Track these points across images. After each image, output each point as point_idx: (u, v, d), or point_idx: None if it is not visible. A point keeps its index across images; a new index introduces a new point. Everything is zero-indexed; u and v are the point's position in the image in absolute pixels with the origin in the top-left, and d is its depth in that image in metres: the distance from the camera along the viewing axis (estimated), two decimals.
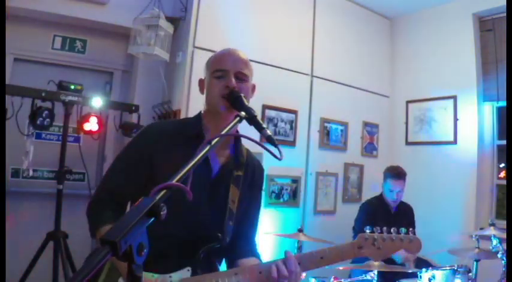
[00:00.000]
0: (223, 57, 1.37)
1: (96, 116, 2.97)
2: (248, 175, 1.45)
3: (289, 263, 1.21)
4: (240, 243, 1.43)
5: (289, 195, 3.44)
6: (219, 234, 1.31)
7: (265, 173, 3.21)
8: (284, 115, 3.44)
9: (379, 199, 3.27)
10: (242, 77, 1.34)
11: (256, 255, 1.45)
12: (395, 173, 3.16)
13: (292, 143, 3.48)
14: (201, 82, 1.45)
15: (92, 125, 2.95)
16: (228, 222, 1.35)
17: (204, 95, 1.41)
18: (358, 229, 3.17)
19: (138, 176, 1.30)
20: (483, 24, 3.73)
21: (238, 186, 1.40)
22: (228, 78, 1.31)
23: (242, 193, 1.41)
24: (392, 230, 1.33)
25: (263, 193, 3.30)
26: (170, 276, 1.23)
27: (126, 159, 1.36)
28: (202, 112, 1.43)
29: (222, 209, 1.35)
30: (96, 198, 1.33)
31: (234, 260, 1.40)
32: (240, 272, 1.23)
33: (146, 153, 1.32)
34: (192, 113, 1.65)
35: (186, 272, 1.25)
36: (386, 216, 3.20)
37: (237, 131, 1.41)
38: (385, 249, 1.31)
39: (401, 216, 3.25)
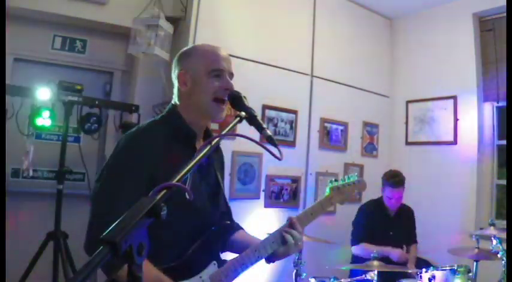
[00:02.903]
0: (218, 56, 1.35)
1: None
2: (216, 157, 1.50)
3: (296, 226, 1.40)
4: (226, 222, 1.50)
5: (289, 195, 3.44)
6: (229, 222, 1.39)
7: (265, 173, 3.27)
8: (284, 115, 3.44)
9: (378, 202, 3.23)
10: (231, 77, 1.37)
11: (241, 228, 1.55)
12: (394, 182, 3.06)
13: (292, 143, 3.48)
14: (184, 76, 1.34)
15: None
16: (227, 206, 1.43)
17: (188, 90, 1.34)
18: (356, 233, 3.15)
19: (142, 192, 1.17)
20: (483, 24, 3.73)
21: (218, 169, 1.46)
22: (225, 79, 1.33)
23: (221, 175, 1.48)
24: (345, 177, 1.64)
25: (262, 194, 3.32)
26: (200, 277, 1.25)
27: (128, 177, 1.20)
28: (177, 106, 1.37)
29: (218, 196, 1.40)
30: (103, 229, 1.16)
31: (226, 238, 1.45)
32: (257, 248, 1.33)
33: (147, 166, 1.21)
34: None
35: (213, 267, 1.29)
36: (385, 220, 3.18)
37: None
38: (347, 193, 1.61)
39: (401, 220, 3.23)
